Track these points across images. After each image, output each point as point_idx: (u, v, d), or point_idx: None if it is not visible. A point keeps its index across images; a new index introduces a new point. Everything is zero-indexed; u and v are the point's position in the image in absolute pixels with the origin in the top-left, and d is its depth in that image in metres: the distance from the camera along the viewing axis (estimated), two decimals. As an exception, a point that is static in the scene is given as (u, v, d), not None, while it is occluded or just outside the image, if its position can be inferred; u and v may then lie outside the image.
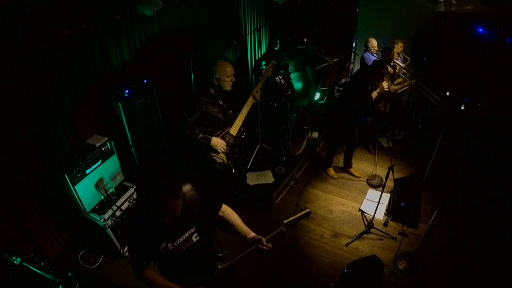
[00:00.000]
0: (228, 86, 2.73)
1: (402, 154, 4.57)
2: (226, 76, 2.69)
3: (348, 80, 5.66)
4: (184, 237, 1.61)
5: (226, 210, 1.84)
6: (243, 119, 2.92)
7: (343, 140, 4.07)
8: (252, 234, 1.76)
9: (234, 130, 2.90)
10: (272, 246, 1.73)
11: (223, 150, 2.82)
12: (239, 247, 1.74)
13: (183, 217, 1.55)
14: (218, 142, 2.77)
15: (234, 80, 2.75)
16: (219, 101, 2.84)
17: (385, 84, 3.51)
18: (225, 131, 2.87)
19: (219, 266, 1.77)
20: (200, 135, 2.72)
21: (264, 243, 1.70)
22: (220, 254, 1.79)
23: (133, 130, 3.33)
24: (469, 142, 3.79)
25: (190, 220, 1.62)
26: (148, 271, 1.64)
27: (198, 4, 4.13)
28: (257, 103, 3.06)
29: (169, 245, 1.57)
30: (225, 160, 2.91)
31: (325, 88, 6.01)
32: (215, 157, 2.85)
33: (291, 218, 1.76)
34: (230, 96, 2.89)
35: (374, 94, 3.52)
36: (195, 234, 1.65)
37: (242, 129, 3.25)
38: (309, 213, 1.81)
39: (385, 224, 3.38)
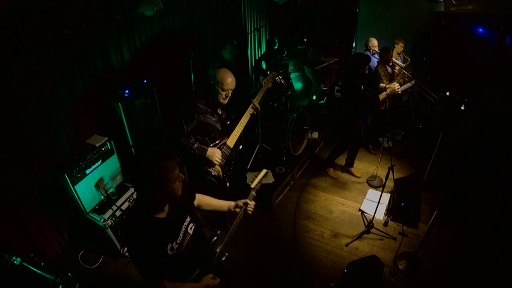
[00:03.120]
0: (222, 100, 2.56)
1: (402, 154, 4.57)
2: (229, 89, 2.52)
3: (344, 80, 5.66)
4: (183, 232, 1.62)
5: (199, 197, 1.88)
6: (241, 130, 2.77)
7: (350, 141, 4.02)
8: (232, 203, 1.89)
9: (231, 141, 2.74)
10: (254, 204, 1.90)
11: (219, 162, 2.67)
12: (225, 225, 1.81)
13: (175, 210, 1.58)
14: (214, 153, 2.62)
15: (230, 95, 2.57)
16: (218, 110, 2.67)
17: (396, 86, 3.46)
18: (222, 142, 2.72)
19: (218, 250, 1.79)
20: (195, 145, 2.56)
21: (250, 203, 1.85)
22: (216, 237, 1.83)
23: (133, 130, 3.33)
24: (462, 141, 3.80)
25: (181, 211, 1.64)
26: (167, 282, 1.55)
27: (198, 4, 4.14)
28: (256, 114, 2.88)
29: (174, 244, 1.56)
30: (220, 173, 2.75)
31: (325, 88, 6.01)
32: (210, 169, 2.69)
33: (255, 182, 1.92)
34: (229, 105, 2.72)
35: (383, 95, 3.47)
36: (191, 225, 1.67)
37: (241, 144, 3.07)
38: (267, 172, 2.00)
39: (385, 224, 3.37)
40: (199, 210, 1.87)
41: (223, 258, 1.81)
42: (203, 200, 1.89)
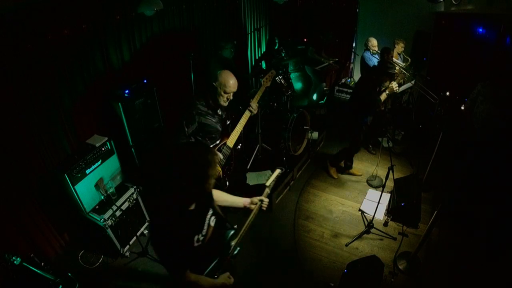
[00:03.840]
0: (223, 102, 2.56)
1: (402, 154, 4.57)
2: (232, 92, 2.52)
3: (352, 83, 5.66)
4: (207, 224, 1.66)
5: (215, 193, 1.91)
6: (240, 130, 2.77)
7: (360, 141, 3.93)
8: (247, 200, 1.96)
9: (231, 141, 2.73)
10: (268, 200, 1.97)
11: (220, 163, 2.66)
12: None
13: (200, 203, 1.62)
14: None
15: (231, 98, 2.58)
16: (218, 111, 2.67)
17: (394, 86, 3.48)
18: (222, 143, 2.72)
19: (232, 243, 1.82)
20: None
21: (264, 200, 1.91)
22: (233, 231, 1.85)
23: (133, 130, 3.33)
24: (463, 143, 3.80)
25: (205, 204, 1.68)
26: (191, 274, 1.58)
27: (198, 4, 4.14)
28: (255, 114, 2.88)
29: (200, 236, 1.60)
30: (221, 173, 2.74)
31: (325, 88, 6.01)
32: None
33: (270, 180, 2.00)
34: (228, 105, 2.70)
35: (384, 96, 3.48)
36: (212, 218, 1.71)
37: (240, 142, 3.06)
38: (281, 170, 2.11)
39: (385, 224, 3.37)
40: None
41: (235, 252, 1.85)
42: (219, 195, 1.94)
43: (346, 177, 4.22)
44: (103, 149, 2.98)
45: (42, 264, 2.36)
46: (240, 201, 1.97)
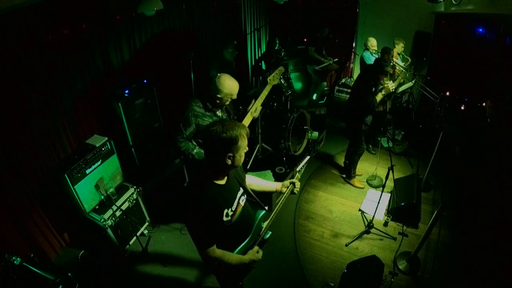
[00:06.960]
0: (227, 103, 2.57)
1: (402, 154, 4.57)
2: (231, 97, 2.50)
3: (352, 83, 5.65)
4: (237, 201, 1.72)
5: (249, 178, 2.02)
6: None
7: (362, 143, 3.83)
8: (279, 184, 2.02)
9: None
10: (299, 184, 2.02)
11: None
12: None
13: (231, 180, 1.71)
14: None
15: (235, 98, 2.56)
16: (217, 112, 2.62)
17: (390, 86, 3.47)
18: None
19: (263, 225, 1.88)
20: (195, 150, 2.51)
21: (296, 183, 1.95)
22: (264, 211, 1.90)
23: (133, 130, 3.33)
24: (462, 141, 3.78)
25: (236, 182, 1.77)
26: (217, 249, 1.63)
27: (198, 4, 4.14)
28: (260, 113, 2.86)
29: (229, 210, 1.65)
30: None
31: (326, 88, 6.01)
32: None
33: (300, 166, 2.09)
34: (229, 105, 2.68)
35: (380, 96, 3.47)
36: (242, 197, 1.79)
37: None
38: (309, 158, 2.15)
39: (385, 224, 3.37)
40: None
41: (267, 236, 1.89)
42: (253, 181, 2.01)
43: (346, 177, 4.22)
44: (103, 149, 2.98)
45: (42, 264, 2.35)
46: (273, 185, 2.04)
